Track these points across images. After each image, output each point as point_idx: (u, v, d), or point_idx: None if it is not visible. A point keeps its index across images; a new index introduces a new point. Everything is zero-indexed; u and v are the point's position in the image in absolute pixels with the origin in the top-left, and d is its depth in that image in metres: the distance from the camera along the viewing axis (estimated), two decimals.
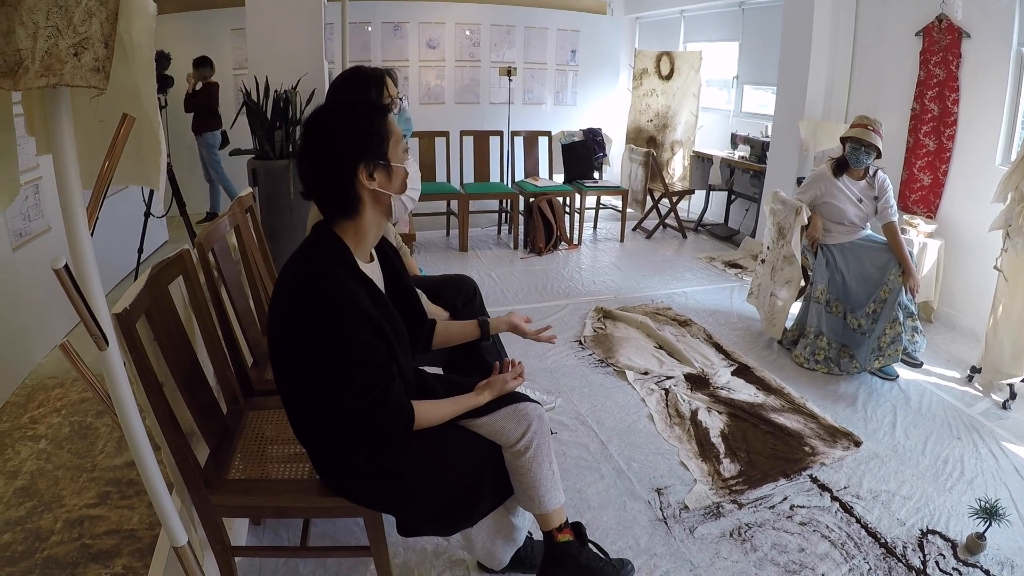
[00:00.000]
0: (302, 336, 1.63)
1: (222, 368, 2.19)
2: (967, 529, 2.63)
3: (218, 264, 2.40)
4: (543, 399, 3.45)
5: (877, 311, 3.85)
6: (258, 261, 2.87)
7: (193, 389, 1.89)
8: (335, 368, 1.63)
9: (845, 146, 3.97)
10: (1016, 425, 3.53)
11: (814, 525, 2.65)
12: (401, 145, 1.75)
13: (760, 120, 7.15)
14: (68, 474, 2.79)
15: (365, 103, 1.74)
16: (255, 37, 4.60)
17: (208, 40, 7.35)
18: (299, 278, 1.66)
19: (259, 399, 2.35)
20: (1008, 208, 3.67)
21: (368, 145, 1.67)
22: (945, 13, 4.70)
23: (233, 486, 1.89)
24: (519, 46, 8.61)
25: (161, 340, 1.78)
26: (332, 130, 1.67)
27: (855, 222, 4.04)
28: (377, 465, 1.75)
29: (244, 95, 4.36)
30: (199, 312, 2.13)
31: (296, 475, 1.94)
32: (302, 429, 1.79)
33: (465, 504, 1.85)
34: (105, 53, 1.19)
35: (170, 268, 1.98)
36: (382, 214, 1.76)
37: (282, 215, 4.27)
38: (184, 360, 1.89)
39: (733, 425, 3.36)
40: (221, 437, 2.04)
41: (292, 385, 1.74)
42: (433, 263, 5.90)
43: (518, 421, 1.88)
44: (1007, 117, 4.46)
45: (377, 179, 1.69)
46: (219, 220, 2.57)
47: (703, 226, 7.54)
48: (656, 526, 2.61)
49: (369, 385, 1.64)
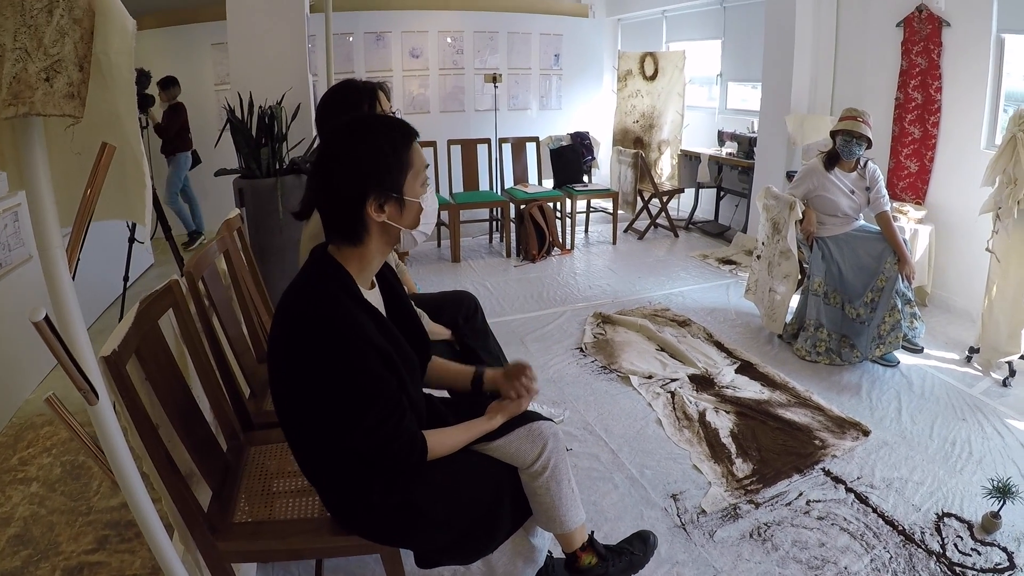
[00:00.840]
0: (308, 371, 1.54)
1: (219, 403, 2.11)
2: (981, 509, 2.67)
3: (208, 292, 2.32)
4: (551, 412, 3.43)
5: (875, 300, 3.88)
6: (249, 284, 2.80)
7: (190, 428, 1.81)
8: (345, 403, 1.55)
9: (836, 140, 4.01)
10: (1017, 401, 3.60)
11: (832, 518, 2.66)
12: (420, 178, 1.64)
13: (746, 116, 7.18)
14: (63, 518, 2.66)
15: (392, 125, 1.63)
16: (237, 51, 4.53)
17: (188, 56, 7.26)
18: (301, 309, 1.56)
19: (259, 432, 2.26)
20: (997, 191, 3.72)
21: (383, 175, 1.56)
22: (925, 3, 4.74)
23: (240, 530, 1.79)
24: (502, 52, 8.59)
25: (153, 379, 1.70)
26: (348, 151, 1.57)
27: (848, 213, 4.07)
28: (393, 499, 1.67)
29: (227, 112, 4.26)
30: (191, 345, 2.04)
31: (306, 513, 1.86)
32: (310, 467, 1.72)
33: (485, 531, 1.79)
34: (80, 77, 1.08)
35: (159, 301, 1.90)
36: (388, 244, 1.67)
37: (272, 235, 4.17)
38: (179, 398, 1.81)
39: (742, 424, 3.37)
40: (223, 477, 1.96)
41: (298, 422, 1.65)
42: (426, 275, 5.89)
43: (533, 441, 1.83)
44: (989, 102, 4.52)
45: (387, 211, 1.59)
46: (208, 245, 2.51)
47: (694, 224, 7.58)
48: (676, 533, 2.60)
49: (382, 419, 1.56)
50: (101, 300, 4.96)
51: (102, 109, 1.27)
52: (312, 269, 1.64)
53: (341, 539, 1.76)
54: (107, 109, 1.28)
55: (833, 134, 4.05)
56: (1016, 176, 3.54)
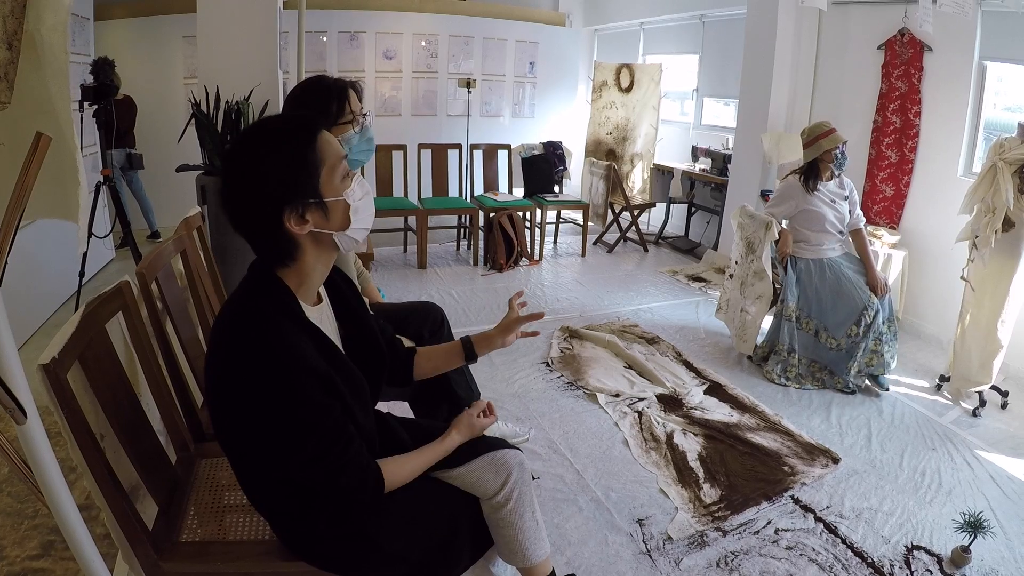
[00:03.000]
0: (241, 397, 1.40)
1: (169, 412, 1.98)
2: (951, 542, 2.64)
3: (162, 294, 2.18)
4: (515, 430, 3.30)
5: (859, 334, 3.80)
6: (207, 286, 2.67)
7: (136, 440, 1.67)
8: (283, 433, 1.40)
9: (828, 156, 3.89)
10: (987, 432, 3.58)
11: (800, 548, 2.59)
12: (338, 171, 1.46)
13: (721, 132, 7.15)
14: (8, 521, 2.54)
15: (290, 125, 1.47)
16: (206, 45, 4.41)
17: (159, 48, 7.06)
18: (235, 331, 1.42)
19: (211, 444, 2.12)
20: (974, 219, 3.70)
21: (293, 183, 1.39)
22: (908, 27, 4.73)
23: (186, 550, 1.68)
24: (477, 57, 8.50)
25: (98, 388, 1.56)
26: (251, 167, 1.40)
27: (835, 224, 3.98)
28: (342, 530, 1.56)
29: (193, 106, 4.13)
30: (142, 351, 1.91)
31: (257, 534, 1.74)
32: (252, 492, 1.58)
33: (442, 563, 1.68)
34: (8, 56, 0.95)
35: (108, 304, 1.75)
36: (327, 252, 1.51)
37: (234, 234, 3.97)
38: (125, 408, 1.67)
39: (710, 447, 3.27)
40: (171, 491, 1.82)
41: (237, 447, 1.52)
42: (391, 281, 5.74)
43: (496, 471, 1.71)
44: (969, 129, 4.53)
45: (311, 219, 1.42)
46: (164, 244, 2.35)
47: (664, 239, 7.52)
48: (641, 560, 2.50)
49: (323, 449, 1.43)
50: (55, 297, 4.75)
51: (36, 95, 1.13)
52: (249, 286, 1.49)
53: (292, 564, 1.64)
54: (41, 94, 1.14)
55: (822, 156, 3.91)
56: (995, 205, 3.52)
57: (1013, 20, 4.21)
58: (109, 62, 4.88)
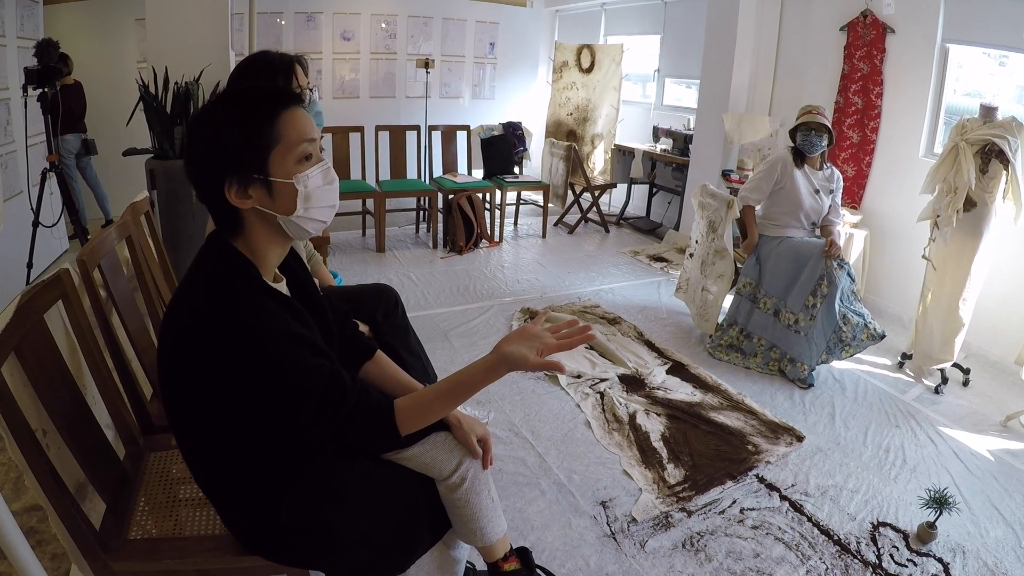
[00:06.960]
0: (216, 378, 1.30)
1: (116, 405, 1.86)
2: (916, 518, 2.66)
3: (107, 283, 2.05)
4: (475, 414, 3.22)
5: (816, 306, 3.66)
6: (156, 274, 2.53)
7: (80, 435, 1.57)
8: (275, 404, 1.32)
9: (796, 137, 3.90)
10: (950, 409, 3.61)
11: (766, 528, 2.57)
12: (295, 153, 1.36)
13: (682, 113, 7.12)
14: None
15: (257, 95, 1.38)
16: (156, 24, 4.25)
17: (111, 31, 6.78)
18: (198, 305, 1.32)
19: (161, 436, 2.01)
20: (936, 199, 3.72)
21: (239, 153, 1.31)
22: (870, 9, 4.72)
23: (136, 547, 1.59)
24: (436, 38, 8.34)
25: (37, 382, 1.47)
26: (204, 128, 1.35)
27: (808, 214, 3.94)
28: (300, 521, 1.48)
29: (140, 87, 3.97)
30: (84, 342, 1.80)
31: (209, 528, 1.67)
32: (208, 482, 1.49)
33: (402, 547, 1.61)
34: None
35: (45, 293, 1.63)
36: (278, 234, 1.42)
37: (184, 220, 3.90)
38: (67, 402, 1.58)
39: (673, 427, 3.22)
40: (119, 488, 1.72)
41: (196, 434, 1.42)
42: (349, 266, 5.59)
43: (450, 451, 1.65)
44: (930, 110, 4.54)
45: (254, 196, 1.34)
46: (107, 230, 2.20)
47: (625, 220, 7.47)
48: (605, 543, 2.44)
49: (322, 407, 1.33)
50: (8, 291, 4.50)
51: None
52: (208, 258, 1.39)
53: (247, 559, 1.56)
54: None
55: (793, 132, 3.92)
56: (956, 185, 3.53)
57: (975, 2, 4.21)
58: (53, 43, 4.68)
